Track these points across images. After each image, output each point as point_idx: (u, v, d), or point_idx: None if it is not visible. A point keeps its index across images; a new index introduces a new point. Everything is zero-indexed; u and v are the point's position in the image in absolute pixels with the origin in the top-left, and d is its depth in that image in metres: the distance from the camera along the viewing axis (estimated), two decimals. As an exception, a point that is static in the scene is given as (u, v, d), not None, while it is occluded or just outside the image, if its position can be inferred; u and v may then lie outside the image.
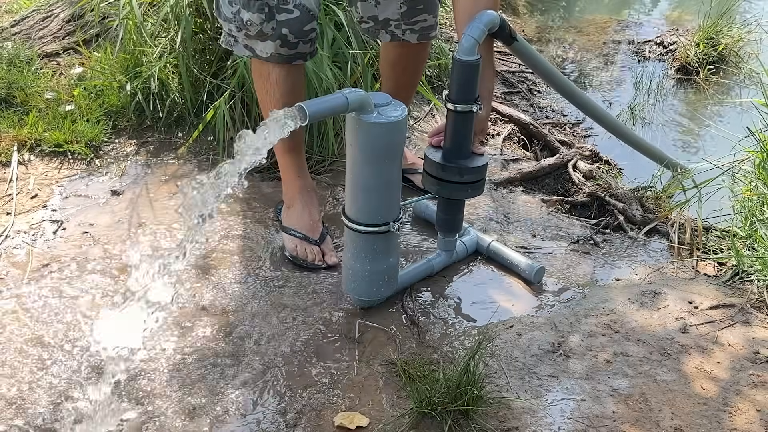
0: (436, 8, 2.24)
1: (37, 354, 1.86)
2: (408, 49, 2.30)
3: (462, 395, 1.70)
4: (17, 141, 2.62)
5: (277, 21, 1.94)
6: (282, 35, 1.95)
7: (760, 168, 2.59)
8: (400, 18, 2.20)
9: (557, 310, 2.11)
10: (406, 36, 2.24)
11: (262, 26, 1.94)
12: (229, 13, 1.98)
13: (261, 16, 1.93)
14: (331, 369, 1.87)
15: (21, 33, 3.21)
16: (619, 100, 3.72)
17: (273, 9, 1.92)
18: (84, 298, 2.04)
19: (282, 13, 1.93)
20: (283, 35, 1.95)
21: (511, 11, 4.53)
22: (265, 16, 1.93)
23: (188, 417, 1.73)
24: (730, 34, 4.04)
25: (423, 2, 2.19)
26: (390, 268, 2.00)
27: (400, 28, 2.22)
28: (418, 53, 2.36)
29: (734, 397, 1.83)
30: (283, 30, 1.95)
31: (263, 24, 1.94)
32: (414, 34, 2.24)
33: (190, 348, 1.91)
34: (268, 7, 1.92)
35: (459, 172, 1.96)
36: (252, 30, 1.95)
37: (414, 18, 2.20)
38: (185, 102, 2.76)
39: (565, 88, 2.43)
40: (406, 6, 2.17)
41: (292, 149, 2.20)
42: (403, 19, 2.20)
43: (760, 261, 2.21)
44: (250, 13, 1.93)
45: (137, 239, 2.26)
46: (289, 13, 1.93)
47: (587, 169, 2.79)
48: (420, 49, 2.34)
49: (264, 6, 1.92)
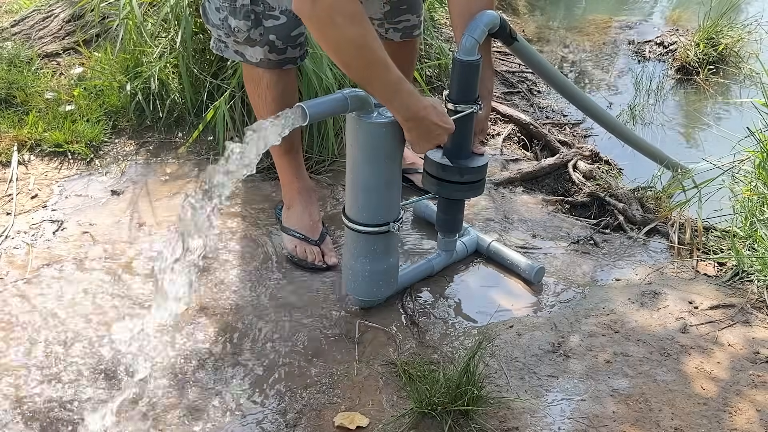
0: (419, 8, 2.26)
1: (37, 354, 1.86)
2: (392, 48, 2.30)
3: (462, 395, 1.70)
4: (17, 141, 2.63)
5: (265, 27, 1.93)
6: (270, 41, 1.95)
7: (760, 168, 2.59)
8: (383, 17, 2.22)
9: (557, 310, 2.11)
10: (389, 35, 2.26)
11: (250, 33, 1.93)
12: (216, 20, 1.97)
13: (248, 23, 1.92)
14: (331, 369, 1.87)
15: (21, 33, 3.21)
16: (619, 100, 3.72)
17: (260, 15, 1.91)
18: (84, 298, 2.04)
19: (269, 19, 1.92)
20: (270, 41, 1.95)
21: (511, 11, 4.53)
22: (251, 22, 1.92)
23: (188, 417, 1.73)
24: (730, 34, 4.04)
25: (406, 2, 2.22)
26: (390, 268, 2.00)
27: (383, 27, 2.25)
28: (402, 51, 2.35)
29: (734, 397, 1.83)
30: (270, 36, 1.94)
31: (250, 30, 1.93)
32: (397, 33, 2.26)
33: (190, 348, 1.91)
34: (254, 14, 1.91)
35: (459, 172, 1.96)
36: (240, 36, 1.95)
37: (397, 18, 2.23)
38: (185, 102, 2.76)
39: (565, 89, 2.43)
40: (390, 6, 2.20)
41: (288, 151, 2.19)
42: (386, 18, 2.23)
43: (760, 261, 2.21)
44: (237, 20, 1.92)
45: (139, 239, 2.26)
46: (276, 20, 1.92)
47: (587, 169, 2.79)
48: (405, 47, 2.34)
49: (250, 13, 1.91)
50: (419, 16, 2.27)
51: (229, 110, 2.60)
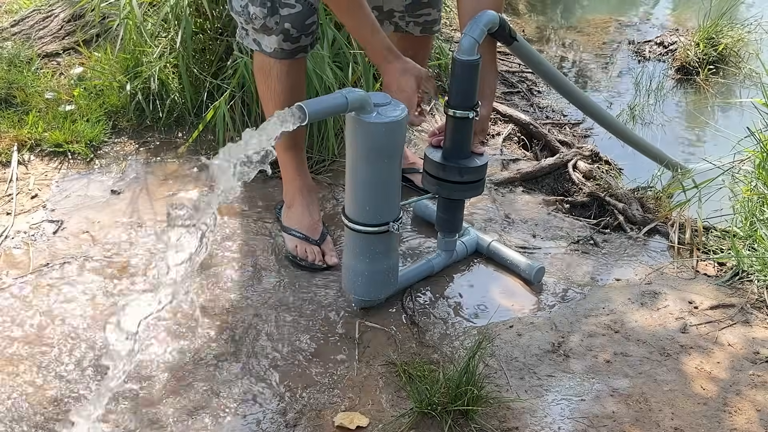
0: (439, 3, 2.29)
1: (37, 354, 1.86)
2: (410, 42, 2.33)
3: (462, 395, 1.70)
4: (17, 141, 2.62)
5: (281, 15, 1.96)
6: (285, 30, 1.98)
7: (760, 168, 2.58)
8: (405, 10, 2.24)
9: (557, 310, 2.11)
10: (410, 28, 2.28)
11: (266, 20, 1.97)
12: (238, 6, 2.02)
13: (264, 11, 1.96)
14: (331, 369, 1.87)
15: (21, 33, 3.21)
16: (619, 100, 3.72)
17: (276, 4, 1.95)
18: (84, 298, 2.04)
19: (284, 8, 1.96)
20: (285, 30, 1.98)
21: (511, 11, 4.53)
22: (267, 10, 1.96)
23: (188, 417, 1.73)
24: (730, 34, 4.03)
25: None
26: (390, 268, 2.00)
27: (404, 20, 2.26)
28: (420, 47, 2.38)
29: (734, 397, 1.83)
30: (285, 24, 1.97)
31: (266, 18, 1.97)
32: (417, 27, 2.28)
33: (190, 348, 1.91)
34: (270, 2, 1.95)
35: (459, 172, 1.96)
36: (256, 23, 1.99)
37: (418, 11, 2.25)
38: (185, 102, 2.76)
39: (565, 88, 2.43)
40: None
41: (291, 146, 2.20)
42: (407, 12, 2.25)
43: (760, 261, 2.21)
44: (254, 7, 1.97)
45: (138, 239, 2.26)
46: (291, 8, 1.96)
47: (587, 169, 2.79)
48: (422, 42, 2.37)
49: (267, 0, 1.95)
50: (439, 11, 2.30)
51: (229, 110, 2.60)
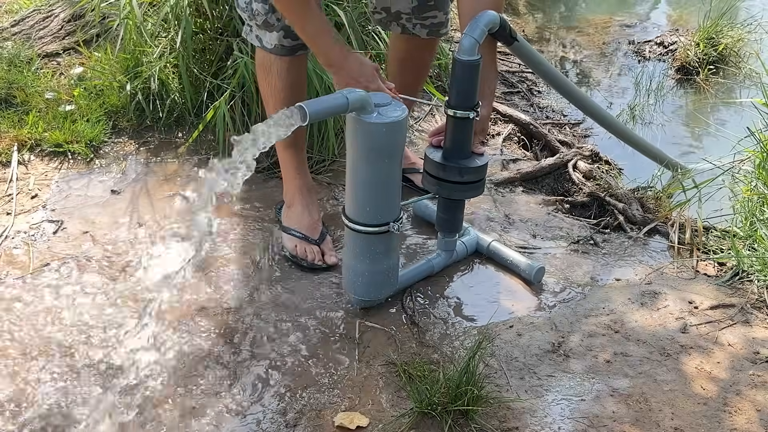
0: (446, 6, 2.27)
1: (37, 353, 1.86)
2: (417, 44, 2.33)
3: (462, 395, 1.70)
4: (17, 141, 2.62)
5: None
6: (285, 26, 1.99)
7: (760, 168, 2.58)
8: (411, 12, 2.24)
9: (557, 310, 2.11)
10: (416, 30, 2.28)
11: (267, 17, 1.99)
12: (243, 2, 2.03)
13: (265, 7, 1.98)
14: (331, 369, 1.87)
15: (21, 33, 3.21)
16: (619, 100, 3.72)
17: None
18: (84, 298, 2.04)
19: None
20: (286, 26, 1.99)
21: (511, 11, 4.53)
22: (269, 6, 1.97)
23: (188, 417, 1.72)
24: (730, 34, 4.03)
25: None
26: (390, 268, 2.00)
27: (411, 22, 2.26)
28: (426, 49, 2.39)
29: (734, 397, 1.83)
30: (286, 21, 1.98)
31: (268, 15, 1.98)
32: (424, 29, 2.28)
33: (190, 348, 1.90)
34: None
35: (459, 172, 1.96)
36: (258, 20, 2.00)
37: (424, 13, 2.24)
38: (185, 102, 2.76)
39: (565, 88, 2.43)
40: (417, 1, 2.21)
41: (291, 145, 2.21)
42: (414, 14, 2.25)
43: (760, 261, 2.21)
44: (257, 3, 1.99)
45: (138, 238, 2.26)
46: None
47: (587, 169, 2.79)
48: (428, 45, 2.37)
49: None
50: (446, 14, 2.29)
51: (229, 110, 2.60)
